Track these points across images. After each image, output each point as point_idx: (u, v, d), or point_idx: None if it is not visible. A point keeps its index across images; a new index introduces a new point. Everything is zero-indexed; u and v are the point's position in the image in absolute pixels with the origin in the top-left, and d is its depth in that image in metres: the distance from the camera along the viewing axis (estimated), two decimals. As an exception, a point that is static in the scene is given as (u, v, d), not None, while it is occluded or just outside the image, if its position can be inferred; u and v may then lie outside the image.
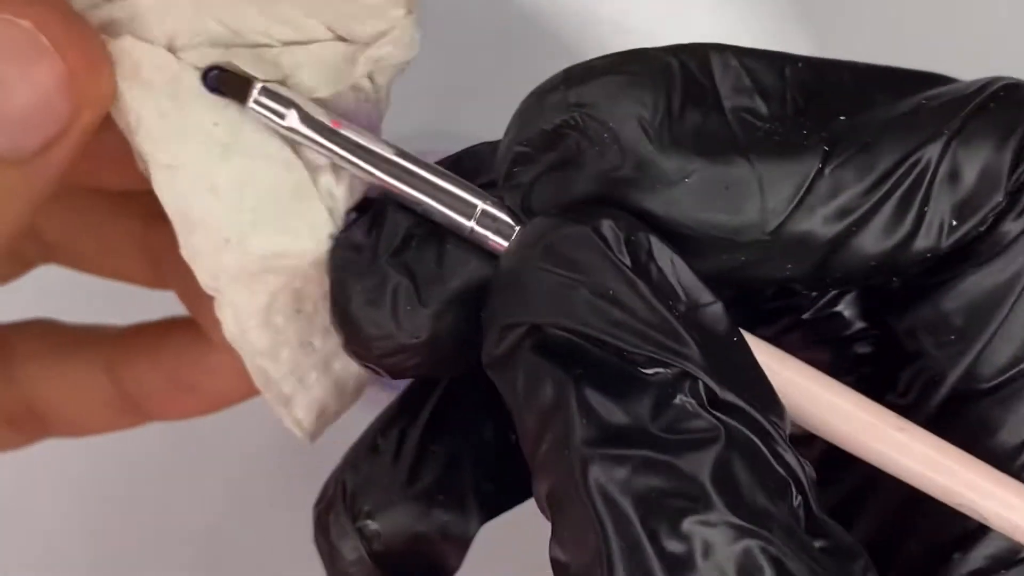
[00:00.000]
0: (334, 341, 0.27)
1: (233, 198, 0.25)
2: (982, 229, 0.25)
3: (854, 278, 0.25)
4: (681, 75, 0.25)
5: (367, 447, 0.30)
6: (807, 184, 0.24)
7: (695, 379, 0.22)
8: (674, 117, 0.24)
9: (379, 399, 0.31)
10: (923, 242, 0.25)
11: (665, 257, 0.24)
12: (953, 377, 0.26)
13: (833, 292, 0.27)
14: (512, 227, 0.25)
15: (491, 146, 0.27)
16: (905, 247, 0.25)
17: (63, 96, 0.24)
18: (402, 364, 0.26)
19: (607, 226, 0.23)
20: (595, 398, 0.22)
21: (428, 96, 0.58)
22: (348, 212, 0.27)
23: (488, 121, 0.58)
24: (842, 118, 0.25)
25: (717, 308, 0.23)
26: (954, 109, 0.26)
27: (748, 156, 0.24)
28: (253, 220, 0.26)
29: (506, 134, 0.26)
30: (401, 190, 0.26)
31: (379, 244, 0.26)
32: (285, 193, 0.26)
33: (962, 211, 0.25)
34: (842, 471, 0.27)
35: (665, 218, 0.24)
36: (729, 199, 0.24)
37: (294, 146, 0.26)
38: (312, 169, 0.26)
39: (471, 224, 0.25)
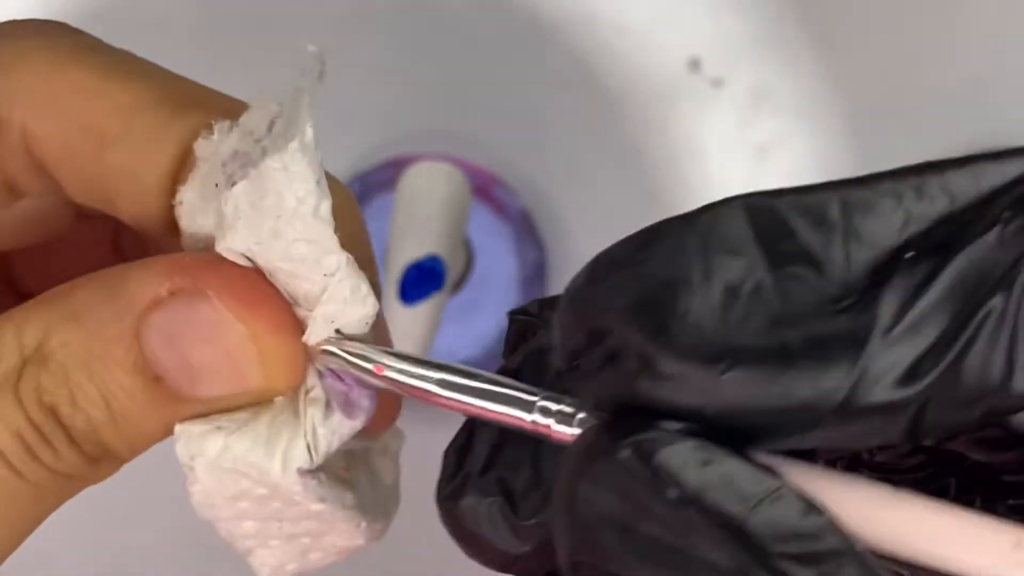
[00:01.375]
0: (302, 527, 0.28)
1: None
2: None
3: (954, 431, 0.23)
4: (712, 247, 0.23)
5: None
6: (866, 345, 0.22)
7: None
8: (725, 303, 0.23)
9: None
10: (1021, 384, 0.22)
11: (724, 467, 0.22)
12: None
13: None
14: (572, 416, 0.24)
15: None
16: (1002, 392, 0.22)
17: (248, 365, 0.26)
18: (527, 569, 0.26)
19: (632, 455, 0.22)
20: None
21: (428, 96, 0.58)
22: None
23: (488, 121, 0.58)
24: (909, 255, 0.22)
25: (784, 498, 0.22)
26: None
27: (795, 327, 0.22)
28: (245, 422, 0.27)
29: (556, 324, 0.25)
30: (454, 405, 0.26)
31: (474, 457, 0.26)
32: (280, 416, 0.27)
33: None
34: None
35: (712, 412, 0.22)
36: (790, 382, 0.22)
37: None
38: (309, 401, 0.27)
39: (532, 417, 0.25)
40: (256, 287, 0.26)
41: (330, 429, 0.27)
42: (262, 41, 0.58)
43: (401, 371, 0.26)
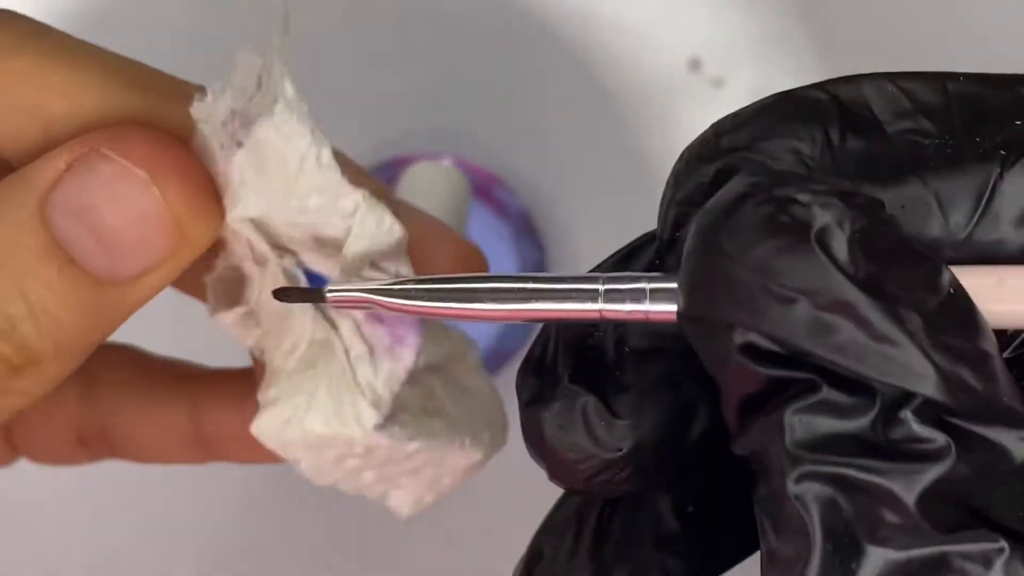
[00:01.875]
0: (416, 462, 0.28)
1: (296, 381, 0.27)
2: None
3: None
4: (835, 107, 0.24)
5: (547, 531, 0.28)
6: (988, 192, 0.23)
7: (928, 400, 0.21)
8: (834, 147, 0.24)
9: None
10: None
11: (885, 242, 0.22)
12: None
13: None
14: (644, 290, 0.24)
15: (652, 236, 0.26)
16: None
17: (160, 227, 0.25)
18: (611, 481, 0.25)
19: (830, 227, 0.22)
20: (809, 406, 0.22)
21: (428, 96, 0.58)
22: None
23: (488, 121, 0.58)
24: (1018, 123, 0.24)
25: (941, 276, 0.22)
26: None
27: (919, 173, 0.23)
28: (308, 403, 0.27)
29: (663, 198, 0.25)
30: (510, 314, 0.25)
31: (557, 365, 0.25)
32: (334, 381, 0.27)
33: None
34: None
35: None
36: (908, 220, 0.23)
37: (338, 333, 0.27)
38: (355, 360, 0.27)
39: (599, 306, 0.24)
40: (156, 136, 0.26)
41: (384, 378, 0.27)
42: (261, 41, 0.58)
43: (441, 293, 0.25)
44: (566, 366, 0.25)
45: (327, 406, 0.27)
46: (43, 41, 0.28)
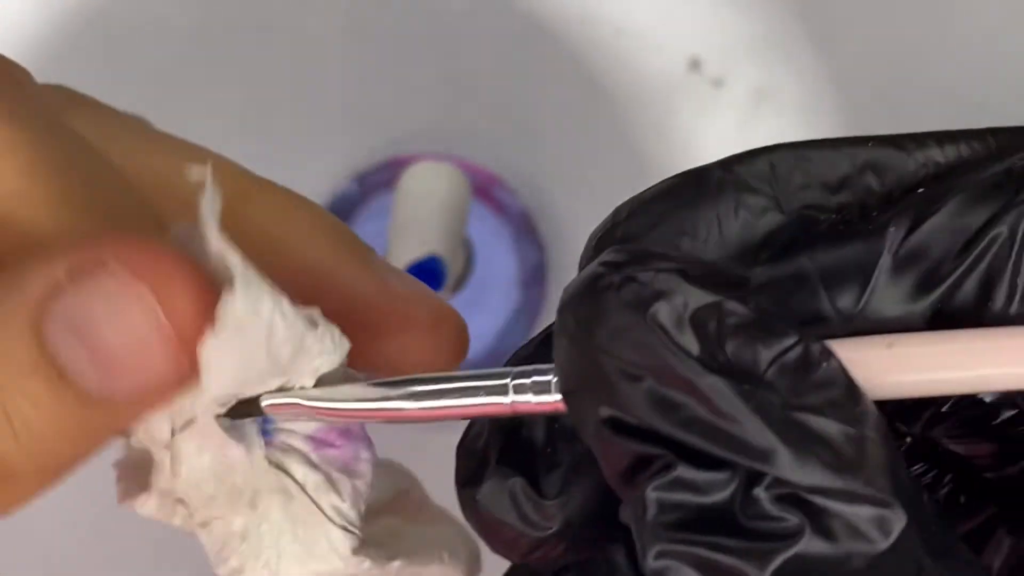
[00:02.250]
0: (407, 573, 0.28)
1: (254, 540, 0.26)
2: None
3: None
4: (733, 187, 0.24)
5: None
6: (877, 269, 0.23)
7: (779, 478, 0.21)
8: (723, 228, 0.23)
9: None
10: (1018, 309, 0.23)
11: (736, 317, 0.22)
12: None
13: None
14: (549, 382, 0.24)
15: None
16: (1003, 318, 0.23)
17: (161, 350, 0.24)
18: (548, 556, 0.25)
19: (664, 311, 0.22)
20: (668, 482, 0.22)
21: (428, 96, 0.58)
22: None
23: (488, 121, 0.58)
24: (920, 190, 0.23)
25: (797, 350, 0.22)
26: None
27: (808, 252, 0.23)
28: (277, 556, 0.26)
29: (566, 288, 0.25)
30: (428, 414, 0.25)
31: (488, 446, 0.26)
32: (298, 522, 0.26)
33: None
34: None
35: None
36: (796, 296, 0.23)
37: (288, 472, 0.26)
38: (314, 491, 0.26)
39: (510, 399, 0.24)
40: (163, 251, 0.24)
41: (349, 497, 0.26)
42: (261, 41, 0.58)
43: (362, 399, 0.25)
44: (495, 447, 0.25)
45: (298, 550, 0.26)
46: (13, 126, 0.25)
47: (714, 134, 0.58)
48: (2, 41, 0.57)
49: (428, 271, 0.49)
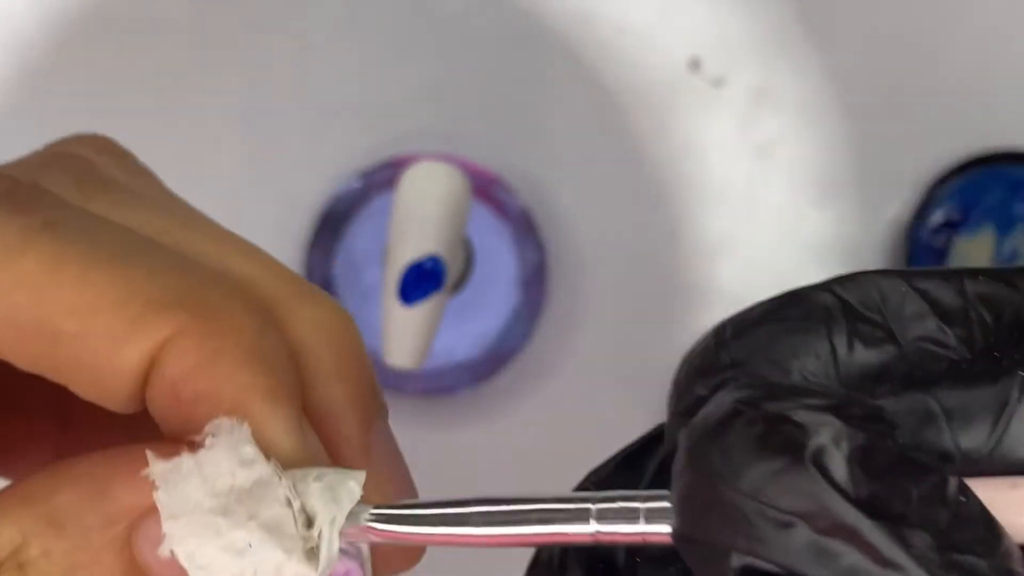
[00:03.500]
0: None
1: None
2: None
3: None
4: (843, 314, 0.23)
5: None
6: (1007, 412, 0.22)
7: None
8: (839, 359, 0.23)
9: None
10: None
11: (884, 458, 0.21)
12: None
13: None
14: (637, 510, 0.23)
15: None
16: None
17: None
18: None
19: (826, 447, 0.21)
20: None
21: (428, 96, 0.58)
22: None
23: (488, 121, 0.58)
24: None
25: (940, 486, 0.21)
26: None
27: (931, 390, 0.22)
28: None
29: (668, 407, 0.24)
30: (509, 539, 0.23)
31: (566, 572, 0.25)
32: None
33: None
34: None
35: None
36: (918, 433, 0.22)
37: None
38: None
39: (592, 529, 0.23)
40: None
41: None
42: (261, 41, 0.58)
43: (433, 521, 0.24)
44: (575, 574, 0.24)
45: None
46: (54, 239, 0.24)
47: (714, 134, 0.58)
48: (2, 41, 0.57)
49: (428, 271, 0.49)
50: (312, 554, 0.24)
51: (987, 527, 0.21)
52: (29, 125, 0.58)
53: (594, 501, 0.23)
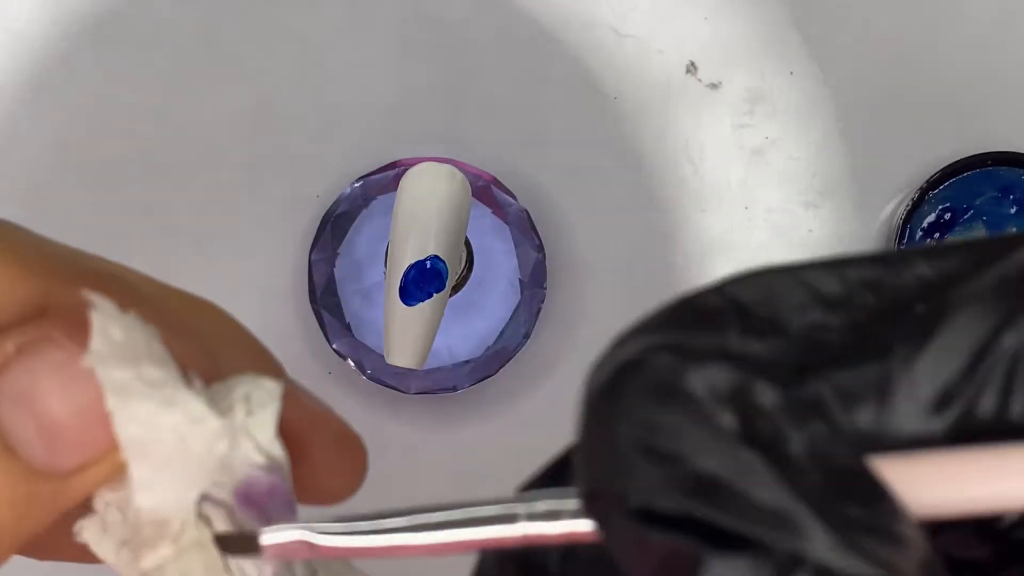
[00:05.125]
0: None
1: None
2: None
3: None
4: (734, 313, 0.23)
5: None
6: (891, 388, 0.22)
7: (816, 566, 0.20)
8: (732, 356, 0.23)
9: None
10: None
11: (769, 398, 0.21)
12: None
13: None
14: (557, 511, 0.23)
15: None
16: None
17: (104, 421, 0.24)
18: None
19: (699, 386, 0.21)
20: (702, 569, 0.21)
21: (427, 98, 0.58)
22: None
23: (488, 122, 0.58)
24: (919, 307, 0.23)
25: (828, 440, 0.21)
26: None
27: (821, 372, 0.22)
28: None
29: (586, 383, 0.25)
30: (443, 546, 0.24)
31: None
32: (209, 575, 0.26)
33: None
34: None
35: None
36: (814, 421, 0.22)
37: (212, 527, 0.26)
38: None
39: (521, 529, 0.23)
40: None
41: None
42: (263, 42, 0.58)
43: (367, 533, 0.24)
44: None
45: None
46: None
47: (710, 135, 0.58)
48: (2, 41, 0.58)
49: (429, 271, 0.49)
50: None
51: (876, 486, 0.21)
52: (30, 125, 0.58)
53: (522, 502, 0.23)
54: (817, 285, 0.23)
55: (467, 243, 0.55)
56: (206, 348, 0.26)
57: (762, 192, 0.58)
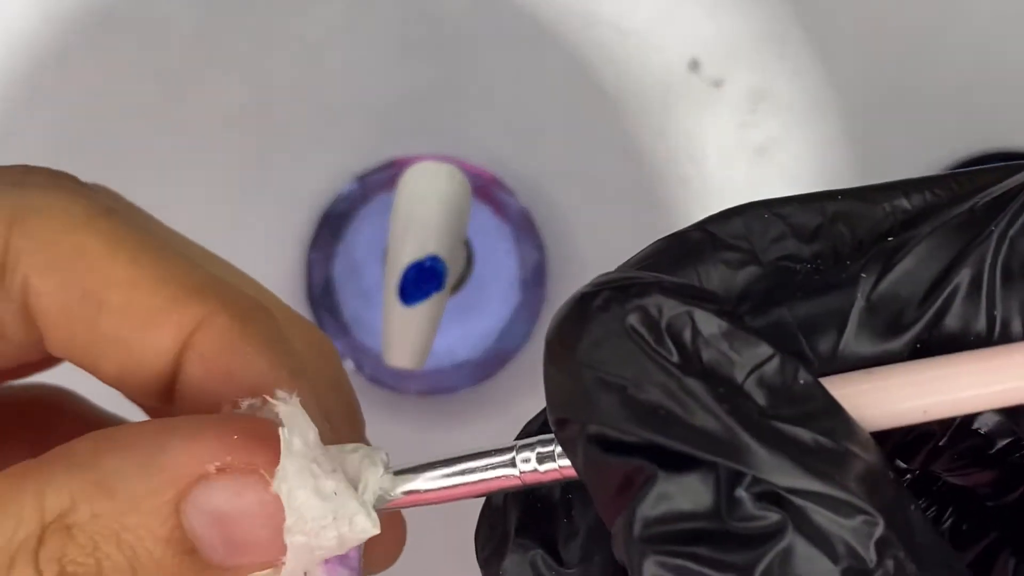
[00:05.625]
0: None
1: None
2: None
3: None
4: (710, 245, 0.24)
5: None
6: (853, 314, 0.23)
7: (755, 477, 0.21)
8: (705, 287, 0.24)
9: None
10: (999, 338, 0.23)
11: (712, 326, 0.22)
12: None
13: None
14: (552, 452, 0.25)
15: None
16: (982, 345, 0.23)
17: (279, 533, 0.25)
18: None
19: (640, 318, 0.22)
20: (654, 496, 0.22)
21: (427, 96, 0.58)
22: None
23: (488, 121, 0.58)
24: (889, 238, 0.24)
25: (774, 364, 0.22)
26: (1003, 203, 0.24)
27: (787, 302, 0.24)
28: None
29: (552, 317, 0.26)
30: (451, 493, 0.26)
31: (507, 522, 0.26)
32: None
33: None
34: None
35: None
36: (782, 347, 0.23)
37: None
38: None
39: (519, 470, 0.25)
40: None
41: None
42: (262, 41, 0.58)
43: (439, 474, 0.26)
44: (513, 520, 0.26)
45: None
46: (110, 223, 0.28)
47: (713, 134, 0.58)
48: (2, 41, 0.58)
49: (428, 271, 0.49)
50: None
51: (823, 404, 0.22)
52: (31, 126, 0.58)
53: (517, 450, 0.25)
54: (794, 219, 0.24)
55: (467, 243, 0.55)
56: (316, 390, 0.28)
57: (765, 191, 0.58)
